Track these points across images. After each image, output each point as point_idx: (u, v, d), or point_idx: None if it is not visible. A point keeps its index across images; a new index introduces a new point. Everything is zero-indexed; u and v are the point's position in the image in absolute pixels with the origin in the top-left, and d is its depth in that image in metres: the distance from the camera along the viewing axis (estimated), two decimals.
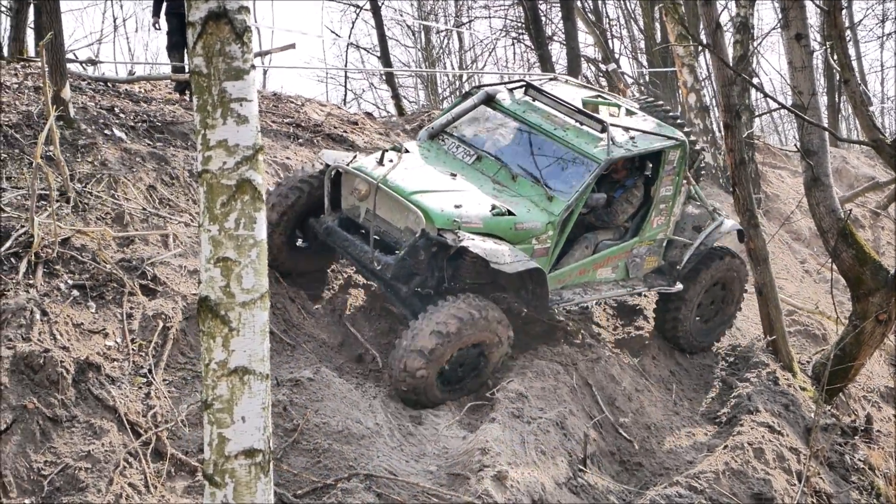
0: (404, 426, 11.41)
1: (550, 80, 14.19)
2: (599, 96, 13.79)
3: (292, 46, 20.47)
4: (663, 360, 14.19)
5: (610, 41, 35.86)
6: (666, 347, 14.34)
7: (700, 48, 21.09)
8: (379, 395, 11.72)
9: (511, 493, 10.43)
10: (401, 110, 24.56)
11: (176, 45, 17.42)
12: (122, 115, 14.89)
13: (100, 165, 13.42)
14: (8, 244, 11.52)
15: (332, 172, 12.17)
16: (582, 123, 12.62)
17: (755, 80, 28.77)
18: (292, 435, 10.66)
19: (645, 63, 35.10)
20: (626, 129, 12.73)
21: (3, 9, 26.70)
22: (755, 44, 19.89)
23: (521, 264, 11.21)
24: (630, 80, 34.55)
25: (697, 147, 14.04)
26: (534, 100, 13.04)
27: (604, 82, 35.10)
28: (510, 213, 11.68)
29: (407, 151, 12.34)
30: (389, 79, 25.74)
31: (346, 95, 33.73)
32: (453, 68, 38.73)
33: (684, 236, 13.40)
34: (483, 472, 10.53)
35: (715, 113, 23.54)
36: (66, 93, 14.05)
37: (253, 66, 6.10)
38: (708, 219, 13.64)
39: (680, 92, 22.92)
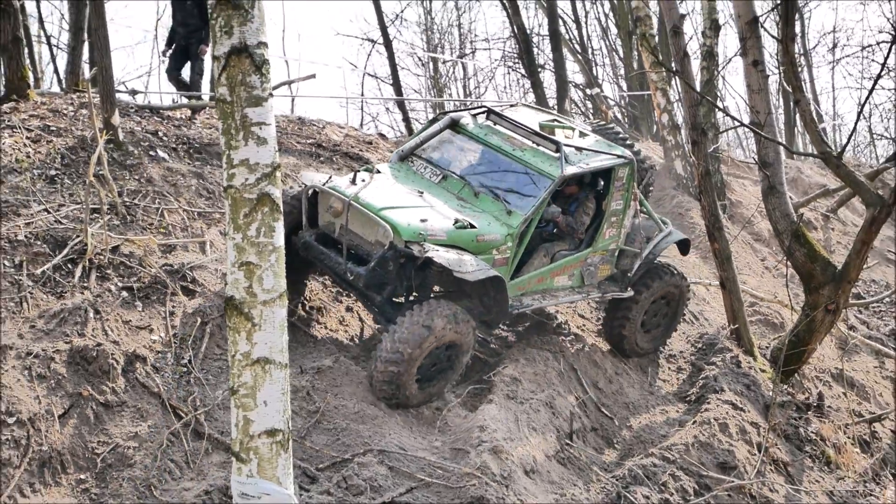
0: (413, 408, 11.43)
1: (511, 106, 13.79)
2: (555, 120, 13.44)
3: (313, 76, 20.53)
4: None
5: (594, 68, 35.91)
6: None
7: (671, 74, 21.02)
8: None
9: (506, 464, 10.42)
10: (411, 131, 24.56)
11: (171, 70, 17.56)
12: (165, 137, 14.90)
13: (146, 182, 13.44)
14: (65, 252, 11.55)
15: (310, 192, 11.79)
16: (538, 144, 12.27)
17: (721, 102, 28.76)
18: (315, 416, 10.67)
19: (624, 87, 35.10)
20: (579, 148, 12.40)
21: (61, 45, 26.85)
22: (719, 69, 19.82)
23: (481, 273, 10.88)
24: (612, 102, 34.54)
25: (646, 165, 13.77)
26: (495, 124, 12.70)
27: (589, 104, 35.14)
28: (472, 226, 11.36)
29: (379, 172, 12.00)
30: (401, 104, 25.76)
31: (362, 119, 33.80)
32: (459, 94, 38.70)
33: (635, 246, 12.98)
34: (482, 447, 10.53)
35: (685, 130, 23.54)
36: (116, 119, 14.06)
37: (271, 94, 6.10)
38: (656, 230, 13.22)
39: (655, 112, 22.89)
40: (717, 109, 19.00)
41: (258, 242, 6.07)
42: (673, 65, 16.09)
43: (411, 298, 11.50)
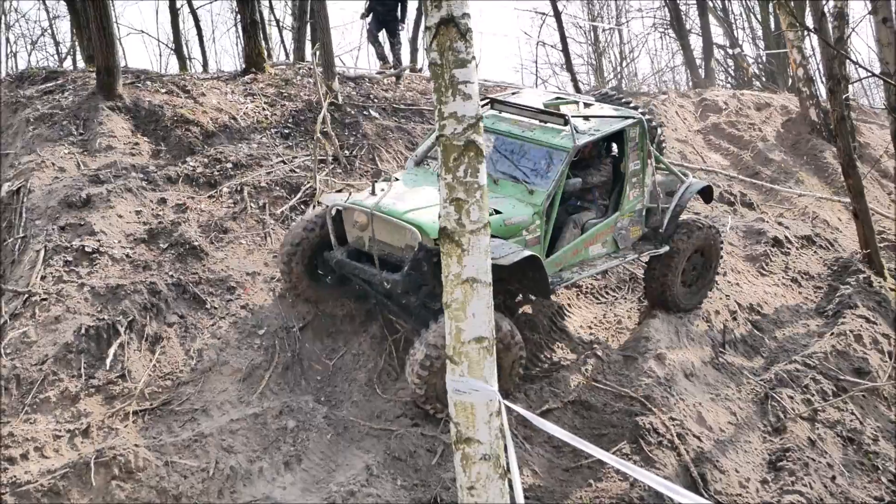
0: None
1: (513, 94, 12.03)
2: (558, 97, 11.88)
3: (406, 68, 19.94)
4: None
5: (735, 31, 34.86)
6: (786, 263, 13.97)
7: (805, 32, 20.27)
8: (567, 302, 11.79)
9: (669, 369, 10.37)
10: (578, 90, 24.29)
11: (373, 40, 17.77)
12: (375, 100, 15.08)
13: (361, 137, 13.66)
14: (299, 195, 11.88)
15: (333, 211, 10.24)
16: (546, 122, 10.69)
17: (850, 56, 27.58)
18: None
19: (762, 46, 33.99)
20: (587, 117, 10.86)
21: (285, 26, 27.36)
22: (852, 28, 19.01)
23: (515, 255, 9.24)
24: (751, 60, 33.53)
25: (654, 123, 11.98)
26: (500, 112, 11.07)
27: (730, 63, 34.20)
28: (497, 212, 9.76)
29: (397, 180, 10.52)
30: (569, 67, 25.44)
31: (536, 81, 33.53)
32: (616, 58, 38.04)
33: (660, 202, 11.40)
34: (648, 354, 10.51)
35: (818, 82, 22.70)
36: (336, 85, 14.31)
37: (473, 58, 6.11)
38: (678, 182, 11.56)
39: (790, 67, 22.12)
40: (850, 62, 18.27)
41: (465, 181, 6.11)
42: (810, 24, 15.49)
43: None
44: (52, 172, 11.68)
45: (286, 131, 13.43)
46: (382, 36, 17.80)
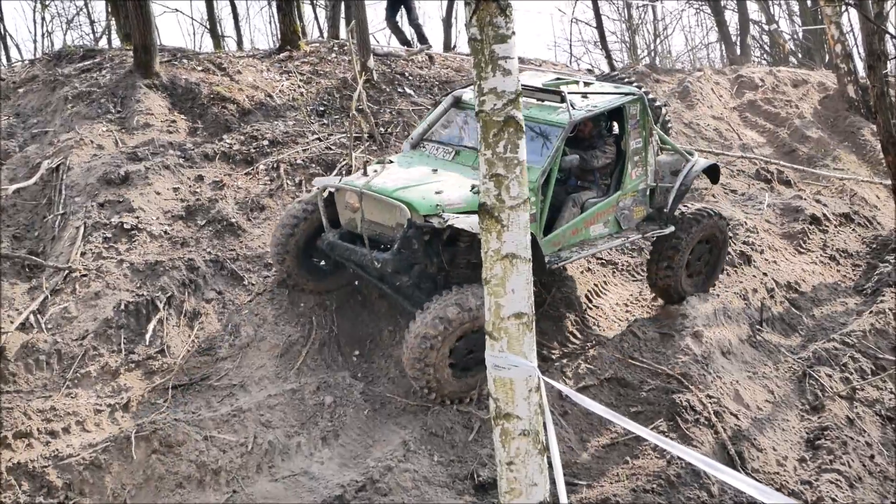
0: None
1: None
2: (558, 78, 11.48)
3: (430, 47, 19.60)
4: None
5: (771, 7, 34.51)
6: (824, 240, 13.86)
7: (844, 7, 20.00)
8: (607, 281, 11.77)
9: (706, 346, 10.33)
10: (612, 67, 24.16)
11: (388, 17, 17.30)
12: (410, 77, 15.07)
13: (396, 114, 13.66)
14: (334, 172, 11.89)
15: (325, 193, 10.09)
16: (543, 100, 10.35)
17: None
18: (541, 307, 10.70)
19: (798, 22, 33.65)
20: (584, 94, 10.55)
21: (319, 4, 27.37)
22: (890, 3, 18.77)
23: None
24: (787, 37, 33.21)
25: (658, 103, 11.70)
26: None
27: (766, 39, 33.88)
28: None
29: (391, 162, 10.22)
30: (604, 44, 25.30)
31: (570, 58, 33.35)
32: (650, 35, 37.76)
33: (665, 182, 10.93)
34: (684, 331, 10.46)
35: (857, 57, 22.42)
36: (371, 63, 14.30)
37: (513, 33, 6.08)
38: (683, 162, 11.11)
39: (828, 43, 21.87)
40: (890, 38, 18.01)
41: (505, 157, 6.10)
42: None
43: (444, 278, 9.73)
44: (91, 150, 11.78)
45: (322, 108, 13.47)
46: (401, 18, 17.49)
